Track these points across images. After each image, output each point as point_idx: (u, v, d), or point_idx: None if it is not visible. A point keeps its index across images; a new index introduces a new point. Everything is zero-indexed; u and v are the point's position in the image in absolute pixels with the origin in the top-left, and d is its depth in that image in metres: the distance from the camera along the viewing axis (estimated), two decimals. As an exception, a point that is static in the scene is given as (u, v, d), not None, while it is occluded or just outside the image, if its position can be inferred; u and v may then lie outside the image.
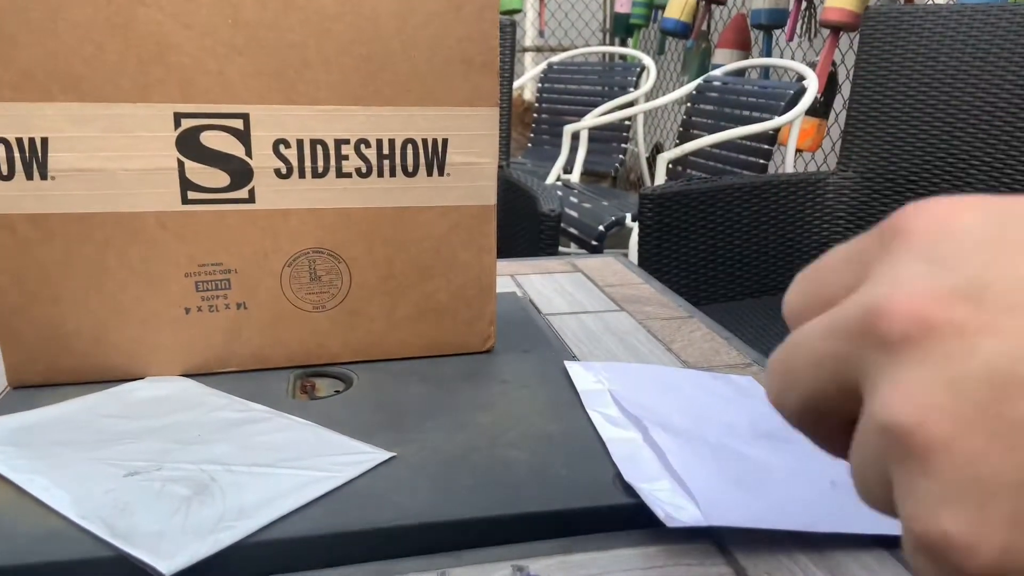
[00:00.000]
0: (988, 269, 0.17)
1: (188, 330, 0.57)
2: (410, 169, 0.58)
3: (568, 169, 2.84)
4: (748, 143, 2.08)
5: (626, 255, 2.35)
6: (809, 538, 0.41)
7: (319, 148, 0.56)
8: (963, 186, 1.44)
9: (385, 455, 0.47)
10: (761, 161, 2.06)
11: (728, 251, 1.58)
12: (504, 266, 0.94)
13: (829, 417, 0.21)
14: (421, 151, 0.58)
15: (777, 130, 2.04)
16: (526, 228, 1.45)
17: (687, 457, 0.46)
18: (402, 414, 0.53)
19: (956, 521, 0.16)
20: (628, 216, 2.29)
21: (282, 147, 0.55)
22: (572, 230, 2.35)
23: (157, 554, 0.36)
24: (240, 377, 0.58)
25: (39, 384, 0.56)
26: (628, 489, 0.44)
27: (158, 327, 0.57)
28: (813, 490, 0.44)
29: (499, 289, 0.81)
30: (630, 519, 0.42)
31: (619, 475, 0.45)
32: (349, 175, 0.57)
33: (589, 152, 2.85)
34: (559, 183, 2.77)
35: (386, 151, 0.57)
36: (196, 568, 0.36)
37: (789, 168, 2.21)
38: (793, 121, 2.05)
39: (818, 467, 0.45)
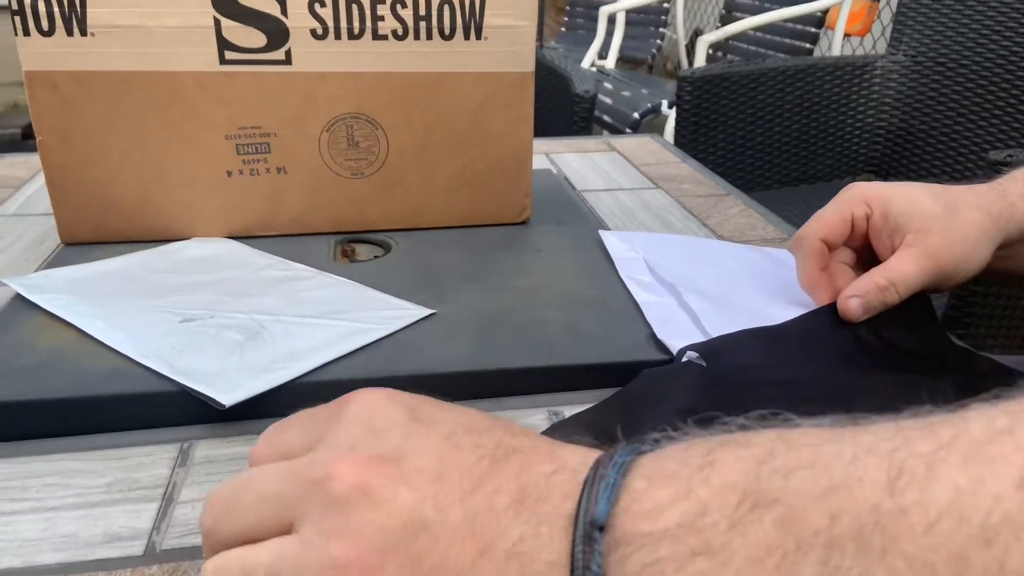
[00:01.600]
0: (405, 442, 0.23)
1: (231, 193, 0.58)
2: (447, 32, 0.57)
3: (603, 54, 2.76)
4: (793, 26, 1.99)
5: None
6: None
7: (354, 7, 0.55)
8: (1017, 71, 1.38)
9: (426, 311, 0.48)
10: (807, 45, 1.98)
11: (767, 138, 1.54)
12: (538, 144, 0.93)
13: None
14: (458, 11, 0.56)
15: (825, 12, 1.94)
16: (559, 111, 1.42)
17: (721, 320, 0.47)
18: (440, 278, 0.55)
19: None
20: (664, 103, 2.23)
21: (317, 6, 0.55)
22: (606, 117, 2.30)
23: (217, 388, 0.39)
24: (282, 241, 0.60)
25: (90, 241, 0.58)
26: (660, 348, 0.45)
27: (201, 189, 0.58)
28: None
29: (534, 166, 0.81)
30: (662, 374, 0.44)
31: (652, 335, 0.46)
32: (385, 37, 0.56)
33: (625, 37, 2.75)
34: (593, 68, 2.69)
35: (423, 11, 0.56)
36: (251, 402, 0.39)
37: (836, 53, 2.12)
38: (842, 2, 1.95)
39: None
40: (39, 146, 0.55)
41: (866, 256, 0.49)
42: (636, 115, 2.18)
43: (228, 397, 0.38)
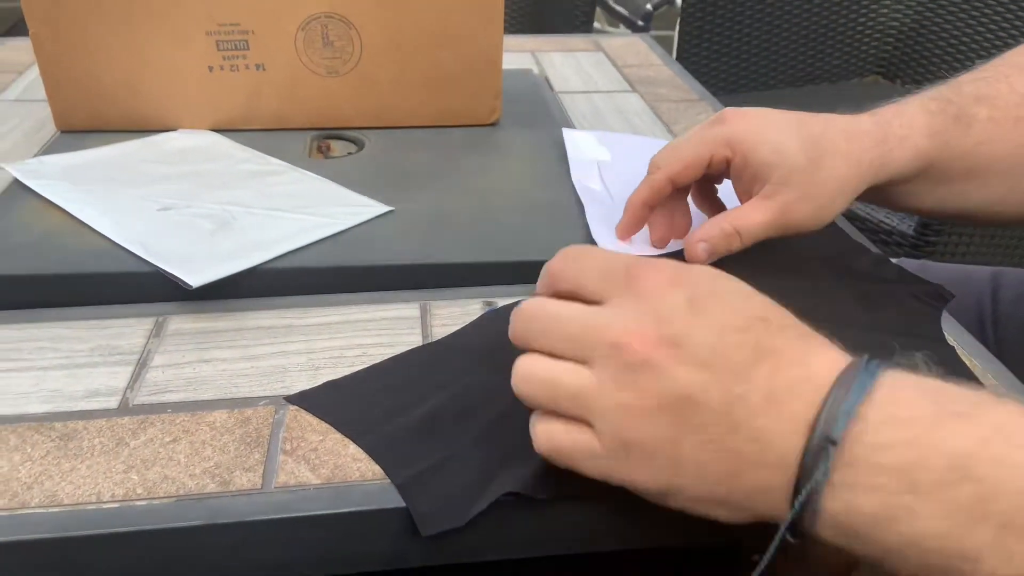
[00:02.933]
0: (684, 330, 0.29)
1: (213, 87, 0.62)
2: (419, -67, 0.58)
3: (625, -62, 2.64)
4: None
5: (671, 38, 2.25)
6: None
7: (328, -93, 0.56)
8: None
9: (384, 208, 0.53)
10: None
11: (775, 34, 1.51)
12: (525, 42, 0.94)
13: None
14: (428, -87, 0.58)
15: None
16: (563, 3, 1.40)
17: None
18: (406, 176, 0.59)
19: None
20: (680, -6, 2.17)
21: (291, -95, 0.56)
22: (620, 8, 2.24)
23: (186, 270, 0.44)
24: (263, 135, 0.63)
25: (83, 129, 0.62)
26: (594, 248, 0.49)
27: (185, 82, 0.61)
28: None
29: (518, 65, 0.83)
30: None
31: (589, 238, 0.51)
32: (359, -63, 0.58)
33: (649, -81, 2.62)
34: (613, -46, 2.59)
35: (394, -88, 0.57)
36: (217, 284, 0.44)
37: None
38: None
39: None
40: (32, 38, 0.58)
41: (710, 197, 0.49)
42: (649, 6, 2.12)
43: (195, 278, 0.43)
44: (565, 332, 0.31)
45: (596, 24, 2.62)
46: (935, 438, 0.26)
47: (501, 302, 0.47)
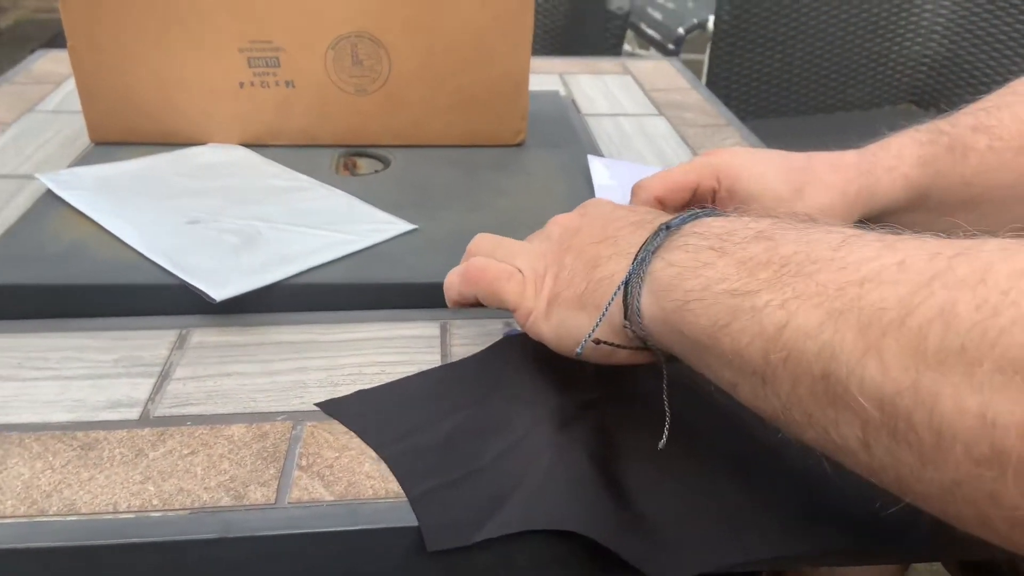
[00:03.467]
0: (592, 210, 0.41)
1: (243, 103, 0.63)
2: (450, -44, 0.59)
3: (657, -37, 2.65)
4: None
5: (701, 63, 2.25)
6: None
7: (362, -71, 0.57)
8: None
9: (408, 226, 0.53)
10: (864, -36, 1.89)
11: (807, 61, 1.51)
12: (555, 64, 0.95)
13: None
14: (460, -64, 0.58)
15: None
16: (592, 28, 1.41)
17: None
18: (430, 194, 0.59)
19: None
20: (712, 18, 2.17)
21: (326, -73, 0.57)
22: (651, 32, 2.25)
23: (211, 283, 0.44)
24: (290, 151, 0.64)
25: (116, 142, 0.63)
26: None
27: (217, 97, 0.62)
28: None
29: (545, 87, 0.83)
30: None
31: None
32: (391, -41, 0.59)
33: (681, -56, 2.64)
34: (644, -22, 2.60)
35: (427, -65, 0.58)
36: (240, 298, 0.44)
37: (895, -26, 2.02)
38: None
39: None
40: (69, 51, 0.60)
41: None
42: (681, 30, 2.13)
43: (219, 292, 0.44)
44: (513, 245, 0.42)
45: (626, 47, 2.63)
46: (744, 224, 0.32)
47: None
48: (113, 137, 0.63)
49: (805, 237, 0.29)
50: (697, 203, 0.47)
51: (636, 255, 0.34)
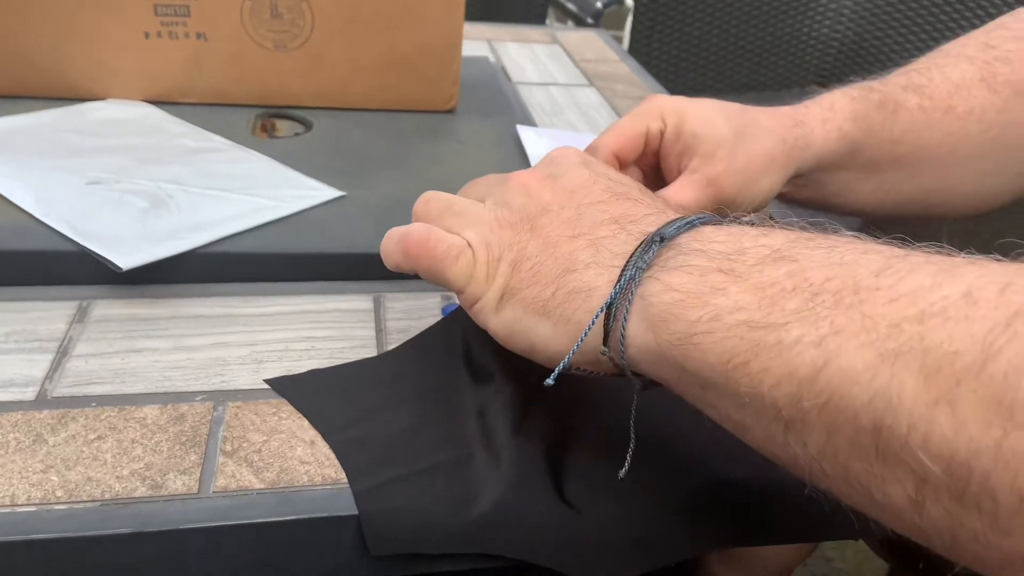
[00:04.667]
0: (563, 176, 0.35)
1: (148, 56, 0.57)
2: (379, -95, 0.55)
3: (575, -64, 2.64)
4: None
5: (620, 38, 2.26)
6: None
7: None
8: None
9: (335, 193, 0.50)
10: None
11: (722, 41, 1.53)
12: (483, 30, 0.92)
13: None
14: None
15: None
16: (515, -6, 1.38)
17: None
18: (358, 160, 0.56)
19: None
20: (629, -5, 2.18)
21: None
22: (570, 5, 2.24)
23: (116, 251, 0.40)
24: (201, 110, 0.59)
25: (3, 95, 0.57)
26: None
27: (117, 49, 0.57)
28: None
29: (473, 52, 0.80)
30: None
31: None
32: (314, -96, 0.55)
33: (600, -82, 2.63)
34: (563, -49, 2.58)
35: None
36: (150, 267, 0.40)
37: (806, -41, 2.07)
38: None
39: None
40: (-56, -12, 0.53)
41: (655, 178, 0.47)
42: (599, 4, 2.12)
43: (126, 260, 0.40)
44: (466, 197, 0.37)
45: (546, 21, 2.61)
46: (757, 235, 0.27)
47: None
48: (0, 89, 0.57)
49: (836, 259, 0.25)
50: (649, 150, 0.45)
51: (623, 270, 0.29)
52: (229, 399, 0.35)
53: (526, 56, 0.85)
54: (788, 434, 0.24)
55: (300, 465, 0.32)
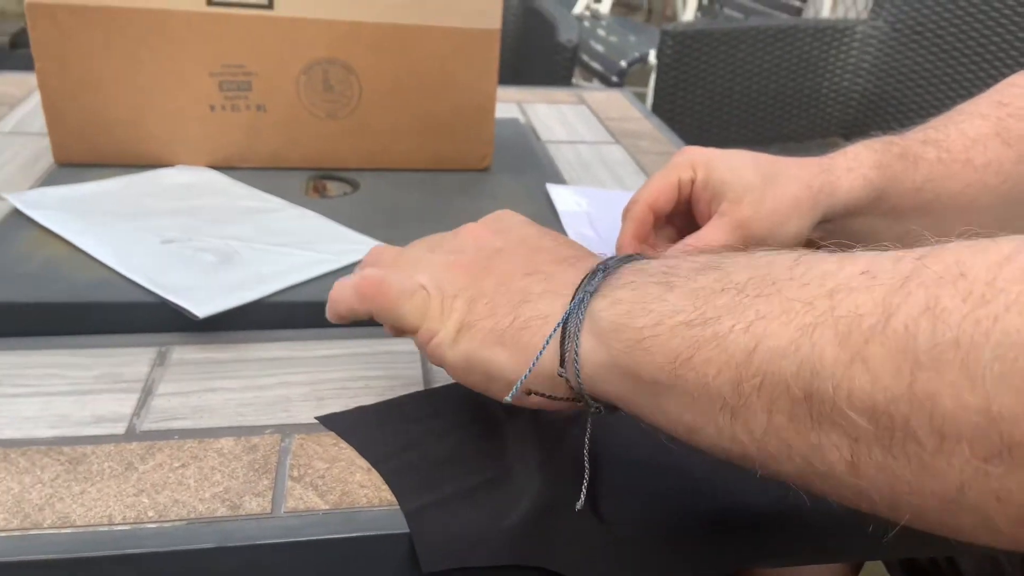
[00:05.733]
0: (507, 227, 0.40)
1: (213, 126, 0.63)
2: (420, -13, 0.61)
3: (599, -2, 2.75)
4: (785, -16, 2.00)
5: (644, 95, 2.33)
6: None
7: (335, -40, 0.59)
8: (989, 44, 1.42)
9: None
10: (796, 3, 2.00)
11: (745, 97, 1.58)
12: (512, 93, 0.98)
13: None
14: (431, -30, 0.61)
15: (817, -28, 1.95)
16: (542, 57, 1.45)
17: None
18: (400, 216, 0.60)
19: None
20: (652, 53, 2.25)
21: (300, -44, 0.59)
22: (595, 64, 2.32)
23: (192, 301, 0.45)
24: (259, 174, 0.65)
25: (82, 163, 0.63)
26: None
27: (186, 120, 0.63)
28: None
29: (504, 115, 0.86)
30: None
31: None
32: (362, -11, 0.61)
33: (622, -19, 2.74)
34: (587, 12, 2.69)
35: (398, -33, 0.60)
36: (220, 316, 0.45)
37: (825, 12, 2.14)
38: (835, -37, 1.96)
39: None
40: (37, 71, 0.60)
41: (689, 229, 0.50)
42: (623, 63, 2.20)
43: (202, 309, 0.44)
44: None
45: (572, 79, 2.70)
46: (686, 259, 0.31)
47: (498, 339, 0.48)
48: (78, 158, 0.63)
49: (755, 262, 0.28)
50: (682, 198, 0.49)
51: (573, 295, 0.32)
52: (295, 432, 0.39)
53: (554, 116, 0.90)
54: (735, 423, 0.26)
55: (359, 488, 0.36)
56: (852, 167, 0.47)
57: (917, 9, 1.50)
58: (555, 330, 0.31)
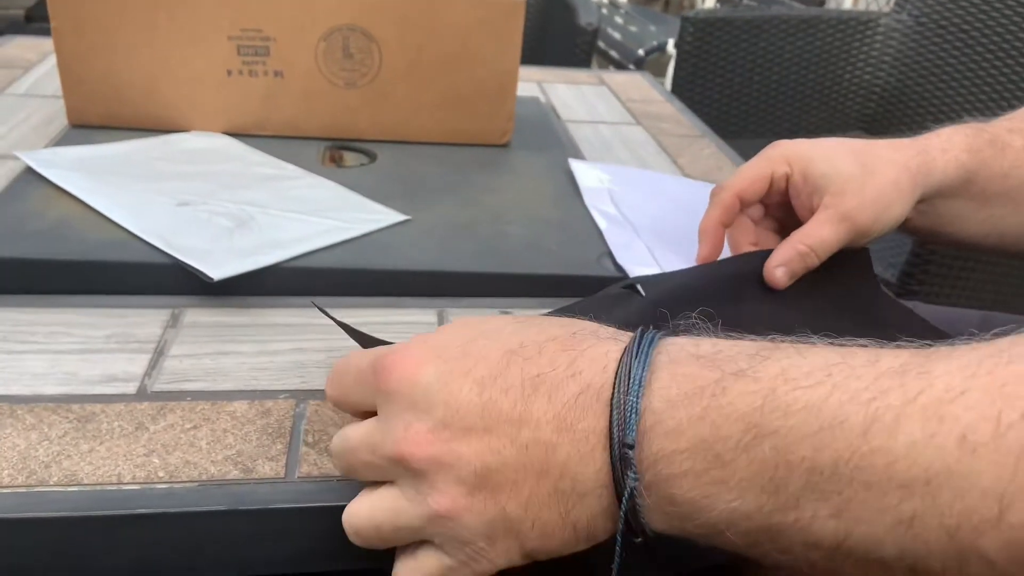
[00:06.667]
0: (447, 408, 0.28)
1: (229, 91, 0.62)
2: (445, -46, 0.60)
3: (617, -13, 2.72)
4: (807, -25, 1.97)
5: (662, 83, 2.30)
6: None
7: (359, -77, 0.58)
8: (1014, 39, 1.39)
9: (401, 216, 0.53)
10: (818, -4, 1.97)
11: (763, 87, 1.56)
12: (533, 72, 0.96)
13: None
14: (457, -64, 0.59)
15: (840, -36, 1.92)
16: (562, 40, 1.44)
17: (669, 255, 0.52)
18: (418, 188, 0.59)
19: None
20: (671, 42, 2.23)
21: (324, -82, 0.57)
22: (612, 52, 2.30)
23: (208, 263, 0.43)
24: (275, 142, 0.64)
25: (96, 125, 0.62)
26: (608, 267, 0.50)
27: (203, 85, 0.62)
28: None
29: (524, 94, 0.84)
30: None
31: (603, 256, 0.51)
32: (386, -46, 0.59)
33: (642, -30, 2.71)
34: (606, 1, 2.67)
35: (423, -67, 0.59)
36: (234, 280, 0.44)
37: (848, 3, 2.11)
38: (859, -44, 1.93)
39: None
40: (53, 32, 0.58)
41: (780, 212, 0.50)
42: (641, 52, 2.18)
43: (217, 272, 0.43)
44: (362, 462, 0.30)
45: (590, 67, 2.68)
46: (723, 404, 0.25)
47: (516, 311, 0.47)
48: (92, 120, 0.62)
49: (814, 421, 0.24)
50: (775, 191, 0.48)
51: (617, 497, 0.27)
52: (309, 397, 0.38)
53: (574, 96, 0.89)
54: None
55: (376, 456, 0.35)
56: (946, 148, 0.47)
57: (942, 3, 1.48)
58: (620, 542, 0.27)
